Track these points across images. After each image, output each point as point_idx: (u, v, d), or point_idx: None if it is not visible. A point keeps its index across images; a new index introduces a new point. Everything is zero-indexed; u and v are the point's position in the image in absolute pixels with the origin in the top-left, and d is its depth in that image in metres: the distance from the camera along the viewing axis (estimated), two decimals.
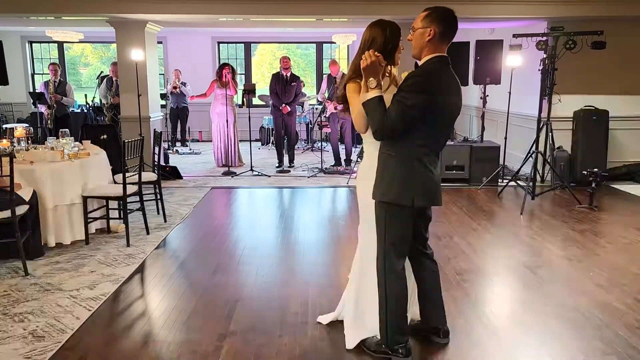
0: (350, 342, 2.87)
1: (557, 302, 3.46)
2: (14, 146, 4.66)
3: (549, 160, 6.62)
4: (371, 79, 2.43)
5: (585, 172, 6.05)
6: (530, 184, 6.20)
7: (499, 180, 7.05)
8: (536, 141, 6.18)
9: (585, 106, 7.12)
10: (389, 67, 2.66)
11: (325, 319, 3.15)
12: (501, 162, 7.15)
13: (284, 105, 8.12)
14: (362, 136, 2.71)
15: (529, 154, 6.35)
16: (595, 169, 5.98)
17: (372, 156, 2.64)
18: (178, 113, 10.23)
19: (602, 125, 7.05)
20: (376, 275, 2.69)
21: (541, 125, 6.25)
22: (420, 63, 2.52)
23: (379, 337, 2.77)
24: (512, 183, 6.84)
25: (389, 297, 2.63)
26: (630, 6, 6.43)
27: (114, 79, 8.09)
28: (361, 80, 2.51)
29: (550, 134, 6.45)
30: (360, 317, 2.88)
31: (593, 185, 5.88)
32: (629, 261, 4.23)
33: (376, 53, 2.43)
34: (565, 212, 5.76)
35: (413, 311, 2.94)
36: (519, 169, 6.68)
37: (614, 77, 7.22)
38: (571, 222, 5.36)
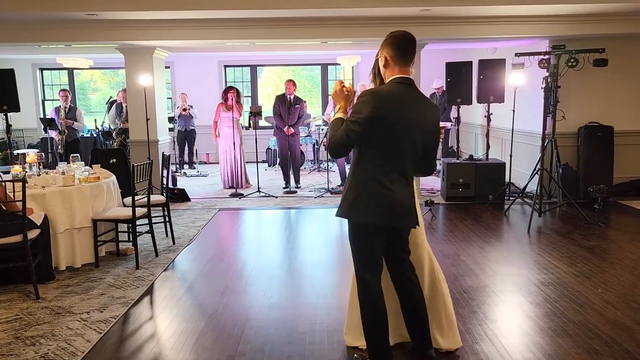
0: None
1: (565, 319, 3.45)
2: (26, 171, 4.75)
3: (554, 177, 6.63)
4: (338, 105, 2.68)
5: (591, 189, 6.06)
6: (537, 201, 6.20)
7: (506, 198, 7.06)
8: (541, 158, 6.21)
9: (590, 122, 7.15)
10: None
11: None
12: (507, 179, 7.17)
13: (287, 127, 8.21)
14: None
15: (535, 171, 6.36)
16: (602, 185, 5.98)
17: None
18: (186, 136, 10.34)
19: (607, 141, 7.07)
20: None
21: (546, 142, 6.28)
22: None
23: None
24: (519, 200, 6.85)
25: (366, 310, 2.68)
26: (631, 23, 6.50)
27: (123, 104, 8.24)
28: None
29: (555, 150, 6.47)
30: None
31: (599, 201, 5.88)
32: (637, 277, 4.22)
33: (343, 84, 2.67)
34: (573, 228, 5.75)
35: (401, 334, 2.97)
36: (525, 186, 6.68)
37: (617, 93, 7.27)
38: (578, 238, 5.36)
